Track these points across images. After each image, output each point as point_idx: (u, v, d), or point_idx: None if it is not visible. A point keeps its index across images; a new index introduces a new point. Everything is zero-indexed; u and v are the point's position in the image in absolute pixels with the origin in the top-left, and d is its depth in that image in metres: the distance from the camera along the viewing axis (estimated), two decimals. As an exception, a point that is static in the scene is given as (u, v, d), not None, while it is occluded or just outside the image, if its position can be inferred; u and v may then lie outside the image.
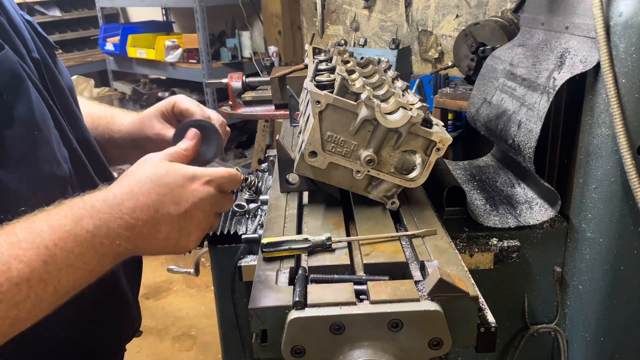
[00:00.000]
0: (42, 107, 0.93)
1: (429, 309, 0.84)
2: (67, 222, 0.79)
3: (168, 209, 0.89)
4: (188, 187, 0.92)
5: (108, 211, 0.84)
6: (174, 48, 4.55)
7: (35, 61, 0.99)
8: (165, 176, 0.90)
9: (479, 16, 3.58)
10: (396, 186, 1.19)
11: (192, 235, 0.94)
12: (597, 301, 1.44)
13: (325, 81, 1.22)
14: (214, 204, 0.96)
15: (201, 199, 0.93)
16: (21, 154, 0.88)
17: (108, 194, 0.86)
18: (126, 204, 0.85)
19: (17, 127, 0.87)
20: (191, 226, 0.93)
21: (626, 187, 1.29)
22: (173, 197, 0.90)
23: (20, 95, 0.88)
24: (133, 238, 0.86)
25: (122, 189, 0.87)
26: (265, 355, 0.88)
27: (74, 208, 0.82)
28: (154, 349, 3.32)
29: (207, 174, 0.95)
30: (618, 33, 1.24)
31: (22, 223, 0.78)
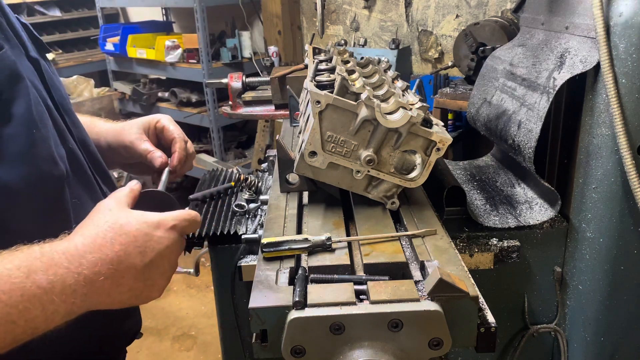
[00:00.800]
0: (40, 106, 0.93)
1: (429, 309, 0.84)
2: (18, 274, 0.73)
3: (133, 260, 0.84)
4: (153, 235, 0.87)
5: (66, 265, 0.78)
6: (174, 48, 4.55)
7: (34, 61, 0.99)
8: (128, 225, 0.85)
9: (479, 16, 3.58)
10: (396, 186, 1.19)
11: (157, 285, 0.89)
12: (597, 301, 1.44)
13: (325, 81, 1.22)
14: (179, 250, 0.93)
15: (167, 247, 0.88)
16: (19, 152, 0.87)
17: (70, 245, 0.80)
18: (88, 257, 0.80)
19: (15, 125, 0.86)
20: (156, 276, 0.88)
21: (626, 187, 1.29)
22: (137, 247, 0.84)
23: (18, 94, 0.88)
24: (91, 294, 0.80)
25: (84, 240, 0.82)
26: (265, 355, 0.88)
27: (30, 258, 0.76)
28: (154, 349, 3.32)
29: (171, 218, 0.90)
30: (618, 33, 1.24)
31: None
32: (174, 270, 0.93)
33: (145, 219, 0.87)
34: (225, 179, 1.65)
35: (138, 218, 0.87)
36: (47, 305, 0.75)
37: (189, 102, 4.75)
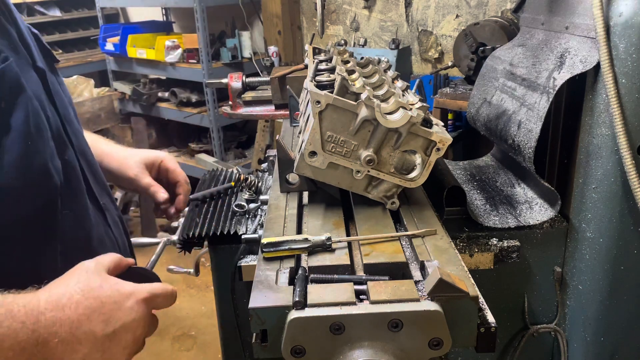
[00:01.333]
0: (39, 117, 0.93)
1: (429, 309, 0.84)
2: None
3: (93, 327, 0.80)
4: (123, 304, 0.83)
5: (22, 319, 0.75)
6: (174, 48, 4.55)
7: (40, 71, 1.00)
8: (99, 289, 0.82)
9: (479, 16, 3.58)
10: (396, 186, 1.19)
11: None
12: (597, 301, 1.44)
13: (325, 81, 1.22)
14: (146, 327, 0.88)
15: (134, 320, 0.84)
16: (13, 162, 0.87)
17: (32, 300, 0.78)
18: (47, 315, 0.77)
19: (12, 135, 0.87)
20: (116, 349, 0.83)
21: (626, 187, 1.29)
22: (103, 314, 0.81)
23: (18, 106, 0.89)
24: (41, 355, 0.76)
25: (49, 297, 0.79)
26: (265, 355, 0.88)
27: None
28: (154, 349, 3.32)
29: (145, 291, 0.87)
30: (618, 33, 1.24)
31: None
32: (138, 348, 0.87)
33: (118, 287, 0.84)
34: (225, 179, 1.65)
35: (112, 285, 0.84)
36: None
37: (189, 102, 4.75)
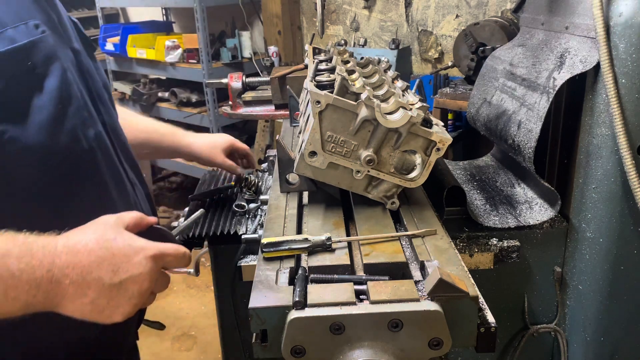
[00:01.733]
0: (71, 88, 1.02)
1: (429, 309, 0.85)
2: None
3: (102, 274, 0.86)
4: (132, 257, 0.88)
5: (40, 258, 0.81)
6: (174, 48, 4.54)
7: (75, 51, 1.10)
8: (112, 241, 0.88)
9: (479, 16, 3.58)
10: (396, 186, 1.19)
11: (121, 308, 0.88)
12: (597, 301, 1.44)
13: (325, 81, 1.22)
14: (152, 282, 0.91)
15: (141, 274, 0.89)
16: (43, 123, 0.95)
17: (51, 242, 0.84)
18: (62, 258, 0.83)
19: (44, 98, 0.95)
20: (122, 299, 0.88)
21: (626, 187, 1.29)
22: (112, 264, 0.86)
23: (52, 73, 0.98)
24: (54, 294, 0.83)
25: (66, 242, 0.85)
26: (265, 355, 0.88)
27: (11, 243, 0.81)
28: (154, 349, 3.32)
29: (156, 248, 0.91)
30: (618, 33, 1.24)
31: None
32: (143, 301, 0.91)
33: (130, 242, 0.89)
34: (225, 179, 1.65)
35: (125, 239, 0.89)
36: (9, 290, 0.79)
37: (189, 102, 4.74)
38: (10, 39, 0.91)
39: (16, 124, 0.91)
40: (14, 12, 0.95)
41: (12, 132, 0.90)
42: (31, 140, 0.93)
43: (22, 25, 0.94)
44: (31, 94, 0.94)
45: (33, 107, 0.94)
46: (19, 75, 0.92)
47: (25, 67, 0.93)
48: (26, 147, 0.92)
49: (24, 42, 0.93)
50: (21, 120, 0.92)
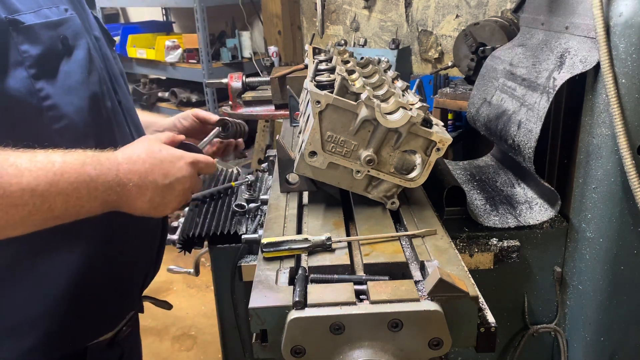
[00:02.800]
0: (96, 62, 1.19)
1: (429, 309, 0.85)
2: (75, 163, 0.99)
3: (156, 178, 1.08)
4: (176, 163, 1.11)
5: (108, 166, 1.03)
6: (174, 48, 4.54)
7: (97, 38, 1.28)
8: (159, 152, 1.10)
9: (479, 16, 3.58)
10: (396, 186, 1.19)
11: (170, 204, 1.12)
12: (597, 301, 1.44)
13: (325, 81, 1.22)
14: (192, 183, 1.15)
15: (184, 176, 1.12)
16: (72, 85, 1.11)
17: (112, 155, 1.05)
18: (124, 166, 1.05)
19: (73, 65, 1.12)
20: (171, 197, 1.11)
21: (626, 187, 1.29)
22: (162, 169, 1.09)
23: (80, 46, 1.15)
24: (122, 194, 1.04)
25: (124, 154, 1.07)
26: (265, 355, 0.88)
27: (84, 155, 1.01)
28: (154, 349, 3.32)
29: (192, 156, 1.15)
30: (618, 33, 1.24)
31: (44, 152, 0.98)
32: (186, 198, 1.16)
33: (172, 152, 1.13)
34: (225, 179, 1.65)
35: (168, 150, 1.13)
36: (91, 191, 1.00)
37: (189, 102, 4.74)
38: (45, 15, 1.09)
39: (50, 83, 1.07)
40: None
41: (47, 90, 1.06)
42: (64, 99, 1.08)
43: (54, 7, 1.12)
44: (62, 59, 1.11)
45: (62, 71, 1.10)
46: (54, 44, 1.09)
47: (58, 37, 1.10)
48: (58, 105, 1.07)
49: (56, 19, 1.11)
50: (54, 80, 1.08)
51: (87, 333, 1.23)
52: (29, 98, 1.03)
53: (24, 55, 1.03)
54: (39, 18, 1.07)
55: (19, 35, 1.03)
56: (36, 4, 1.09)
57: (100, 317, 1.25)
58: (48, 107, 1.06)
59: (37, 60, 1.05)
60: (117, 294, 1.29)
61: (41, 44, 1.06)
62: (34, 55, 1.04)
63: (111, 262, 1.23)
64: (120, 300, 1.31)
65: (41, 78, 1.05)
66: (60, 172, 0.96)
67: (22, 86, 1.02)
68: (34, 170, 0.93)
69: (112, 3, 5.38)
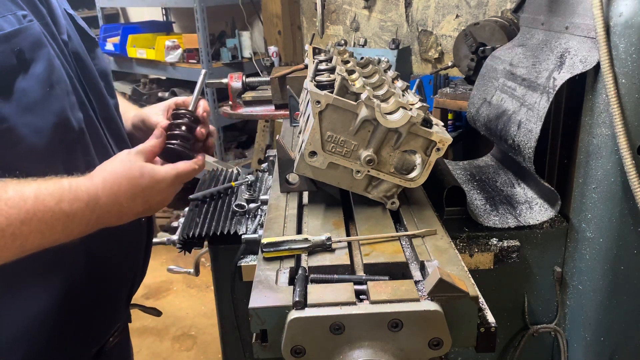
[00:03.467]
0: (60, 73, 1.09)
1: (429, 309, 0.84)
2: (50, 200, 0.94)
3: (136, 206, 1.07)
4: (156, 187, 1.09)
5: (86, 201, 0.99)
6: (174, 48, 4.54)
7: (64, 42, 1.17)
8: (140, 178, 1.06)
9: (479, 16, 3.58)
10: (396, 186, 1.19)
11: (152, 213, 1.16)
12: (597, 301, 1.44)
13: (325, 81, 1.22)
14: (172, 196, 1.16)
15: (165, 198, 1.13)
16: (31, 104, 1.02)
17: (91, 187, 1.01)
18: (103, 200, 1.01)
19: (30, 81, 1.03)
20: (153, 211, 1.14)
21: (626, 187, 1.29)
22: (143, 197, 1.07)
23: (40, 58, 1.05)
24: (100, 223, 1.03)
25: (104, 185, 1.02)
26: (265, 355, 0.88)
27: (61, 189, 0.96)
28: (154, 349, 3.32)
29: (173, 174, 1.12)
30: (618, 33, 1.24)
31: (16, 185, 0.93)
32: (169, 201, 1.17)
33: (154, 175, 1.08)
34: (225, 179, 1.65)
35: (150, 172, 1.08)
36: (67, 227, 0.97)
37: (189, 102, 4.74)
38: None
39: (5, 103, 0.99)
40: (2, 4, 1.02)
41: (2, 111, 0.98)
42: (21, 120, 1.00)
43: (9, 16, 1.01)
44: (17, 76, 1.01)
45: (18, 89, 1.01)
46: (7, 59, 0.99)
47: (12, 51, 1.00)
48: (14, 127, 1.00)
49: (10, 30, 1.00)
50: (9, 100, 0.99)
51: (72, 350, 1.21)
52: None
53: None
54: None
55: None
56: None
57: (85, 335, 1.23)
58: (4, 130, 0.98)
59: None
60: (101, 310, 1.27)
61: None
62: None
63: (94, 279, 1.20)
64: (105, 316, 1.30)
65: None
66: (33, 211, 0.91)
67: None
68: (4, 209, 0.88)
69: (112, 3, 5.38)
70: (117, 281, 1.31)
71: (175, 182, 1.13)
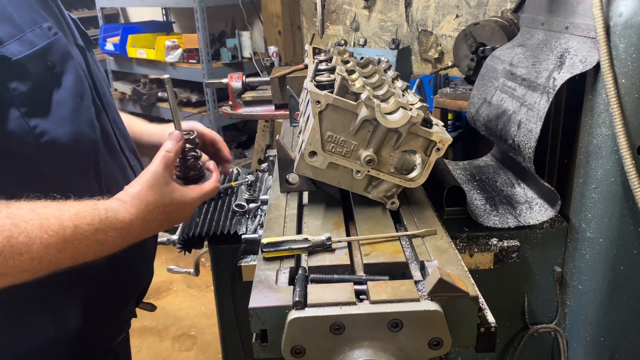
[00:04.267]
0: (84, 81, 1.12)
1: (429, 309, 0.85)
2: (87, 230, 0.96)
3: (162, 228, 1.11)
4: (183, 210, 1.13)
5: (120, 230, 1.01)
6: (174, 48, 4.54)
7: (80, 48, 1.20)
8: (169, 205, 1.09)
9: (479, 16, 3.58)
10: (396, 186, 1.19)
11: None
12: (597, 301, 1.44)
13: (325, 81, 1.22)
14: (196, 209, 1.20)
15: (188, 215, 1.17)
16: (66, 115, 1.05)
17: (126, 218, 1.02)
18: (135, 229, 1.04)
19: (64, 93, 1.05)
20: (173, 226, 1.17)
21: (626, 187, 1.29)
22: (170, 221, 1.11)
23: (69, 70, 1.07)
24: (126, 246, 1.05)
25: (138, 214, 1.04)
26: (265, 355, 0.88)
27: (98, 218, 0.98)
28: (154, 349, 3.32)
29: (200, 196, 1.15)
30: (618, 33, 1.24)
31: (55, 211, 0.94)
32: None
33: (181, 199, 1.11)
34: (225, 179, 1.65)
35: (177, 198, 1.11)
36: (99, 250, 0.99)
37: (189, 102, 4.74)
38: (30, 42, 0.99)
39: (44, 118, 1.01)
40: (28, 16, 1.02)
41: (42, 126, 1.00)
42: (60, 131, 1.03)
43: (37, 29, 1.02)
44: (52, 90, 1.03)
45: (54, 102, 1.03)
46: (42, 75, 1.01)
47: (46, 67, 1.02)
48: (55, 139, 1.02)
49: (43, 45, 1.01)
50: (46, 114, 1.02)
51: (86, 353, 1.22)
52: (25, 137, 0.98)
53: (14, 93, 0.95)
54: (24, 46, 0.97)
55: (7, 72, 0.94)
56: (16, 28, 0.97)
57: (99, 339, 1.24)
58: (46, 143, 1.01)
59: (27, 96, 0.97)
60: (115, 315, 1.28)
61: (30, 79, 0.98)
62: (24, 92, 0.97)
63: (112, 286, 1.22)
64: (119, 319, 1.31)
65: (33, 115, 0.99)
66: (71, 239, 0.94)
67: (17, 126, 0.96)
68: (44, 238, 0.90)
69: (112, 3, 5.38)
70: (131, 286, 1.32)
71: (199, 202, 1.17)
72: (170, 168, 1.11)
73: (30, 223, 0.89)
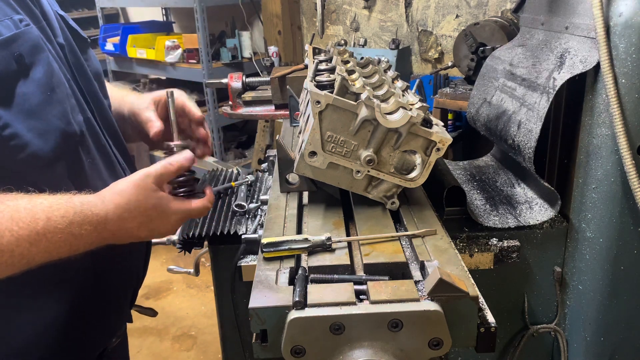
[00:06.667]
0: (59, 76, 1.09)
1: (429, 309, 0.85)
2: (60, 222, 0.94)
3: (140, 233, 1.06)
4: (165, 220, 1.09)
5: (95, 224, 0.99)
6: (174, 48, 4.54)
7: (60, 45, 1.17)
8: (152, 210, 1.06)
9: (479, 16, 3.58)
10: (396, 186, 1.19)
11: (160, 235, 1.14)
12: (597, 301, 1.44)
13: (325, 81, 1.22)
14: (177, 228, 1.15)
15: (173, 229, 1.12)
16: (33, 109, 1.02)
17: (101, 211, 1.00)
18: (111, 225, 1.01)
19: (31, 85, 1.02)
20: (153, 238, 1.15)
21: (626, 187, 1.29)
22: (149, 228, 1.07)
23: (39, 62, 1.05)
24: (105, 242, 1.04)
25: (115, 210, 1.02)
26: (265, 355, 0.88)
27: (72, 211, 0.97)
28: (154, 349, 3.32)
29: (184, 211, 1.11)
30: (618, 33, 1.24)
31: (27, 203, 0.93)
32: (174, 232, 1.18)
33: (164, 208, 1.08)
34: (225, 179, 1.65)
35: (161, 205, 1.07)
36: (73, 247, 0.98)
37: (189, 102, 4.74)
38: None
39: (6, 109, 0.98)
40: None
41: (4, 117, 0.97)
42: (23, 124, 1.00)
43: (7, 20, 1.01)
44: (17, 80, 1.01)
45: (19, 94, 1.01)
46: (8, 64, 0.99)
47: (12, 57, 1.00)
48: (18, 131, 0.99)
49: (9, 35, 1.00)
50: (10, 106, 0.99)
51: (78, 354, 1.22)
52: None
53: None
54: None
55: None
56: None
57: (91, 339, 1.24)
58: (8, 136, 0.98)
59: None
60: (107, 315, 1.28)
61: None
62: None
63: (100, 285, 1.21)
64: (111, 320, 1.31)
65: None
66: (43, 232, 0.92)
67: None
68: (15, 230, 0.89)
69: (112, 3, 5.38)
70: (121, 285, 1.31)
71: (184, 219, 1.13)
72: (165, 178, 1.09)
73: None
